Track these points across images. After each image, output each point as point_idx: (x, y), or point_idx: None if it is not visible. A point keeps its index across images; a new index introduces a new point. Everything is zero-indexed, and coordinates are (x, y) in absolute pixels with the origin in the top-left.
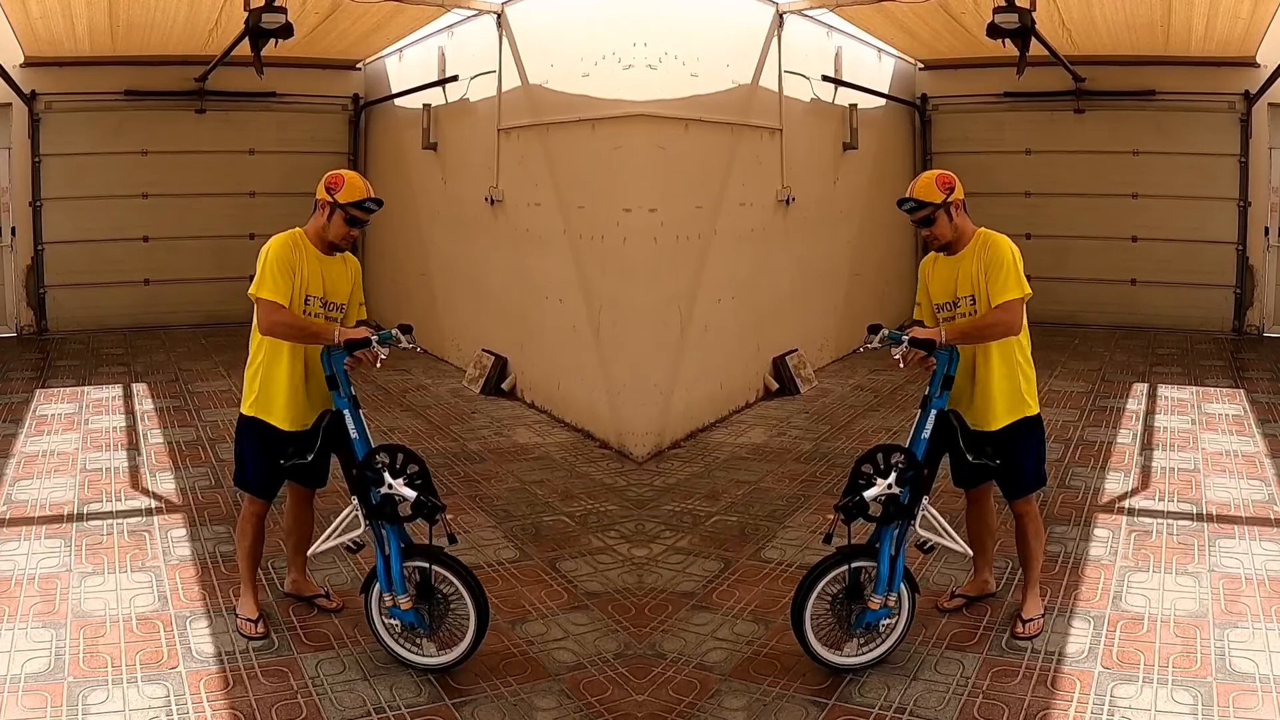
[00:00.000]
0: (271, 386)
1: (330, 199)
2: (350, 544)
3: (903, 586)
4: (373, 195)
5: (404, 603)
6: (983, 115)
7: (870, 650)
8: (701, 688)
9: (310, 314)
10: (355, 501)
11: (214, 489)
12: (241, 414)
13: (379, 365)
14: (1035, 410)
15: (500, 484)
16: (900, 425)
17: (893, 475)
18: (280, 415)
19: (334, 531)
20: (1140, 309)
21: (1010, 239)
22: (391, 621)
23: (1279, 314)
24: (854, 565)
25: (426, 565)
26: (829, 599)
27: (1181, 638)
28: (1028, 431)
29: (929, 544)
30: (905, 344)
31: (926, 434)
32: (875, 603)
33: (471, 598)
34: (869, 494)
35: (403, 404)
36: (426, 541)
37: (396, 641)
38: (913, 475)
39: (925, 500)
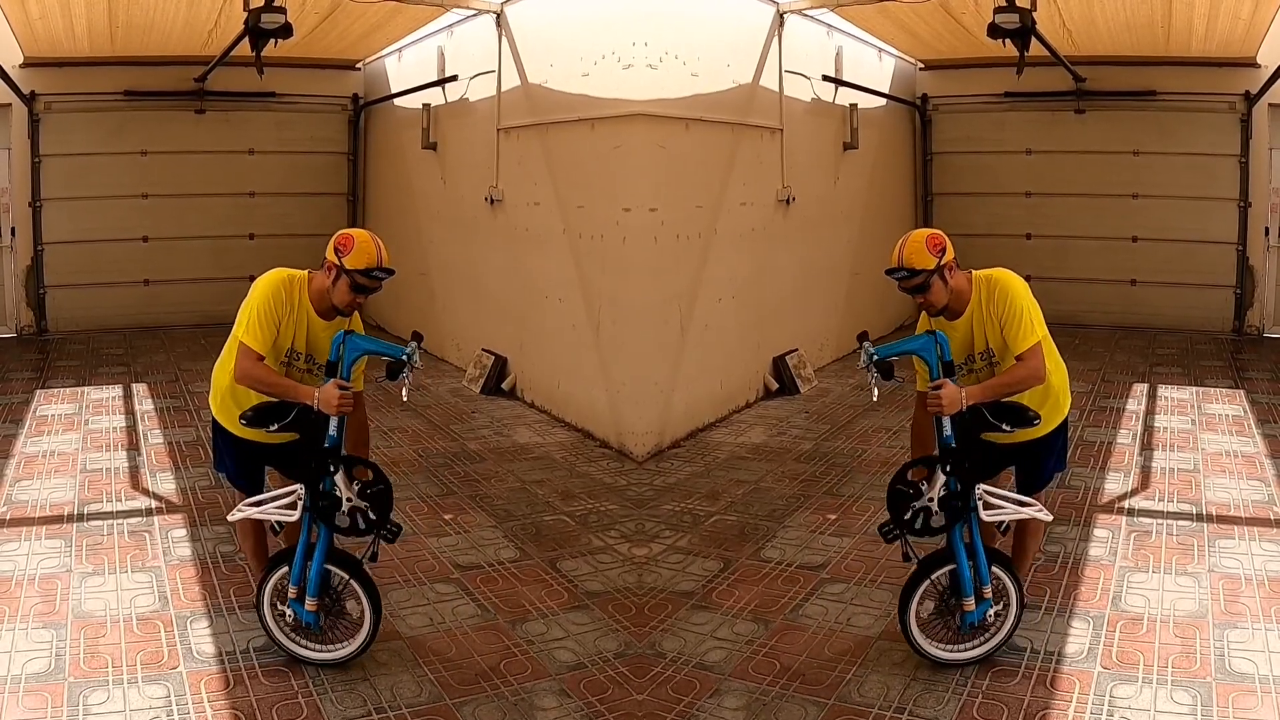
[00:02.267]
0: (246, 401)
1: (337, 262)
2: (274, 526)
3: (998, 571)
4: (384, 263)
5: (310, 604)
6: (983, 115)
7: (985, 642)
8: (701, 687)
9: (294, 368)
10: (302, 490)
11: (214, 489)
12: (215, 418)
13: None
14: (1062, 416)
15: (500, 483)
16: (900, 425)
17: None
18: (250, 431)
19: (269, 502)
20: (1140, 309)
21: (1013, 271)
22: (285, 610)
23: (1279, 315)
24: (934, 577)
25: (345, 576)
26: (936, 601)
27: (1181, 638)
28: (1052, 434)
29: (1004, 525)
30: (879, 377)
31: (949, 430)
32: (969, 604)
33: (372, 612)
34: (917, 505)
35: (402, 403)
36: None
37: (280, 629)
38: (951, 468)
39: (978, 489)
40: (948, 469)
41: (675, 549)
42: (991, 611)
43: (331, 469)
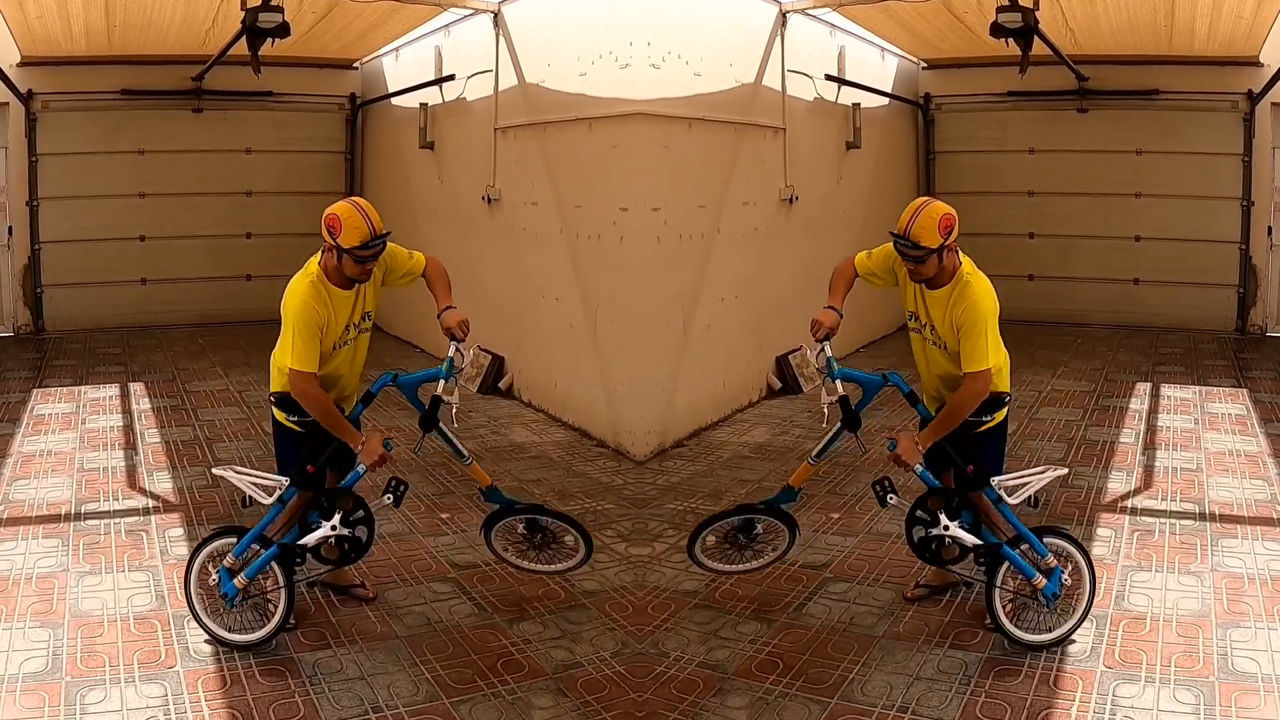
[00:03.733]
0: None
1: (333, 243)
2: (245, 501)
3: (1054, 541)
4: (377, 230)
5: (241, 581)
6: (986, 114)
7: (1072, 615)
8: (704, 686)
9: (345, 341)
10: (287, 484)
11: (211, 488)
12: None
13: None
14: (1001, 417)
15: (497, 483)
16: (903, 424)
17: (953, 522)
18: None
19: (253, 481)
20: (1143, 308)
21: (989, 282)
22: (212, 573)
23: None
24: (1000, 582)
25: (281, 582)
26: (1013, 597)
27: (1184, 637)
28: (990, 433)
29: (1034, 500)
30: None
31: (921, 468)
32: (1039, 582)
33: (283, 615)
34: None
35: (399, 403)
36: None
37: (200, 593)
38: (951, 499)
39: (994, 481)
40: (954, 505)
41: (678, 548)
42: (1065, 575)
43: (327, 508)
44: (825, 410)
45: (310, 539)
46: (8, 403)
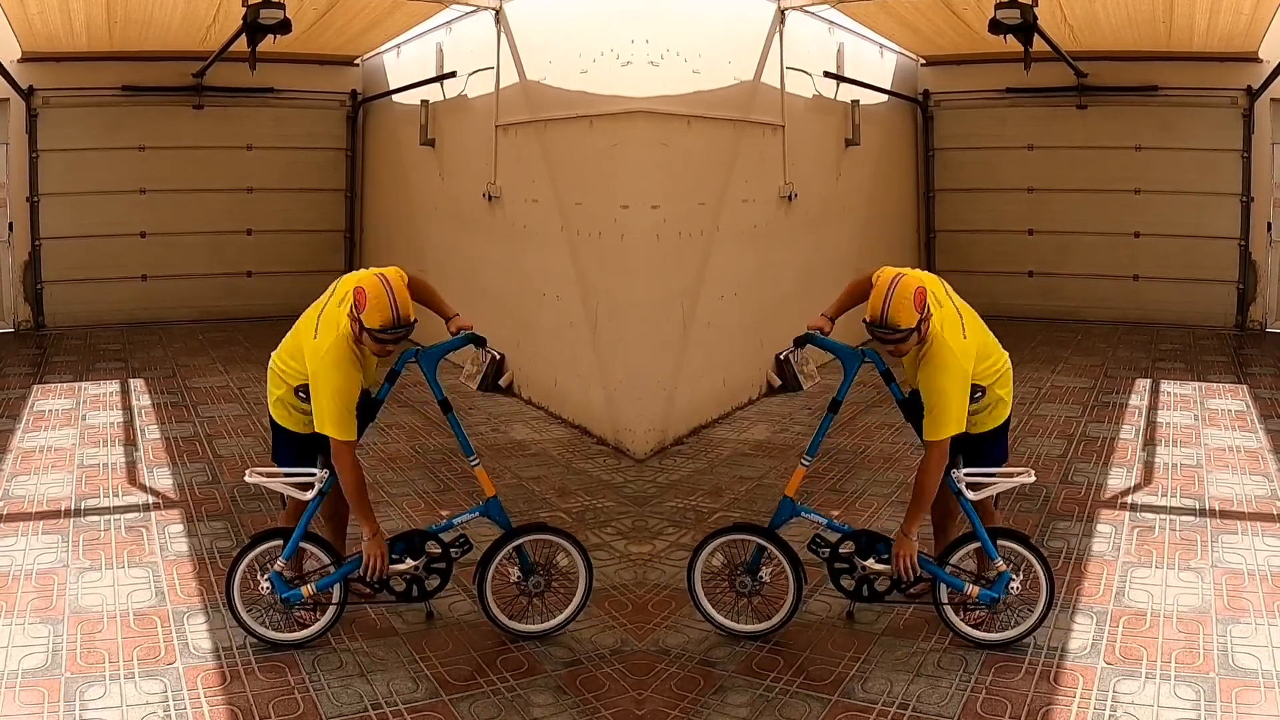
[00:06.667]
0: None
1: (357, 318)
2: (283, 502)
3: (1007, 544)
4: (400, 318)
5: (309, 591)
6: (985, 111)
7: (1024, 620)
8: (705, 683)
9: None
10: (323, 473)
11: (211, 484)
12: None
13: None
14: (1006, 415)
15: (497, 480)
16: (902, 421)
17: (869, 559)
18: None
19: (287, 481)
20: (1143, 304)
21: (960, 342)
22: (262, 582)
23: None
24: (942, 599)
25: (336, 599)
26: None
27: (1184, 633)
28: (993, 435)
29: (996, 500)
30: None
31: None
32: (971, 593)
33: (324, 627)
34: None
35: (399, 400)
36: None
37: (243, 602)
38: (860, 539)
39: (956, 474)
40: (864, 544)
41: (679, 545)
42: (1015, 581)
43: (417, 546)
44: (803, 372)
45: (390, 570)
46: (8, 399)
